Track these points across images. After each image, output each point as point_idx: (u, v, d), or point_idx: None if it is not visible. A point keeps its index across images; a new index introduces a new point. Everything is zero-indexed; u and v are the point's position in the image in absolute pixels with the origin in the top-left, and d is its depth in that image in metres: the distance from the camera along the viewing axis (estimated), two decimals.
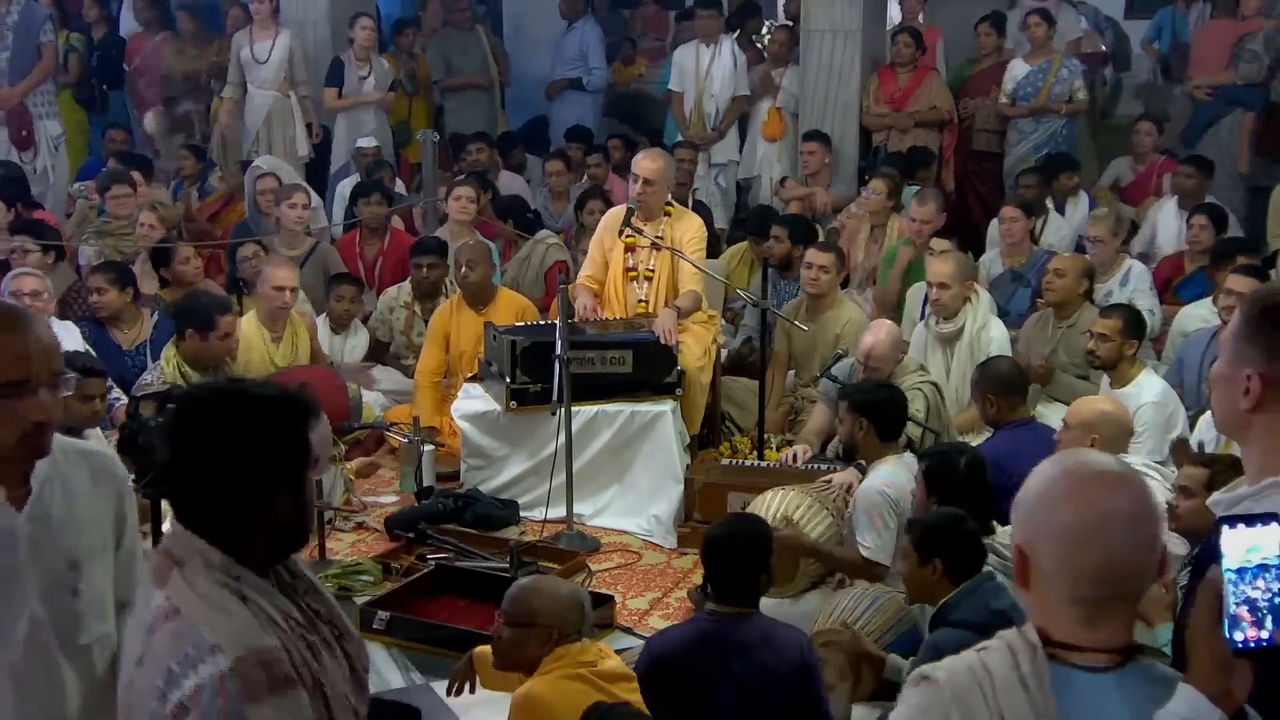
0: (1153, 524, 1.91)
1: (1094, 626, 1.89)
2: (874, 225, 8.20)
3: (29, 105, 9.88)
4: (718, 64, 9.76)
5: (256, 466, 2.13)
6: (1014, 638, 1.91)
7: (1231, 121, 9.49)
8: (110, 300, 6.65)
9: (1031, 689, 1.84)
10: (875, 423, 4.90)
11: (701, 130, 9.82)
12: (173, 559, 2.13)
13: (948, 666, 1.92)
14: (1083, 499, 1.88)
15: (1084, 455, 1.99)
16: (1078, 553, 1.86)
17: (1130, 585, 1.90)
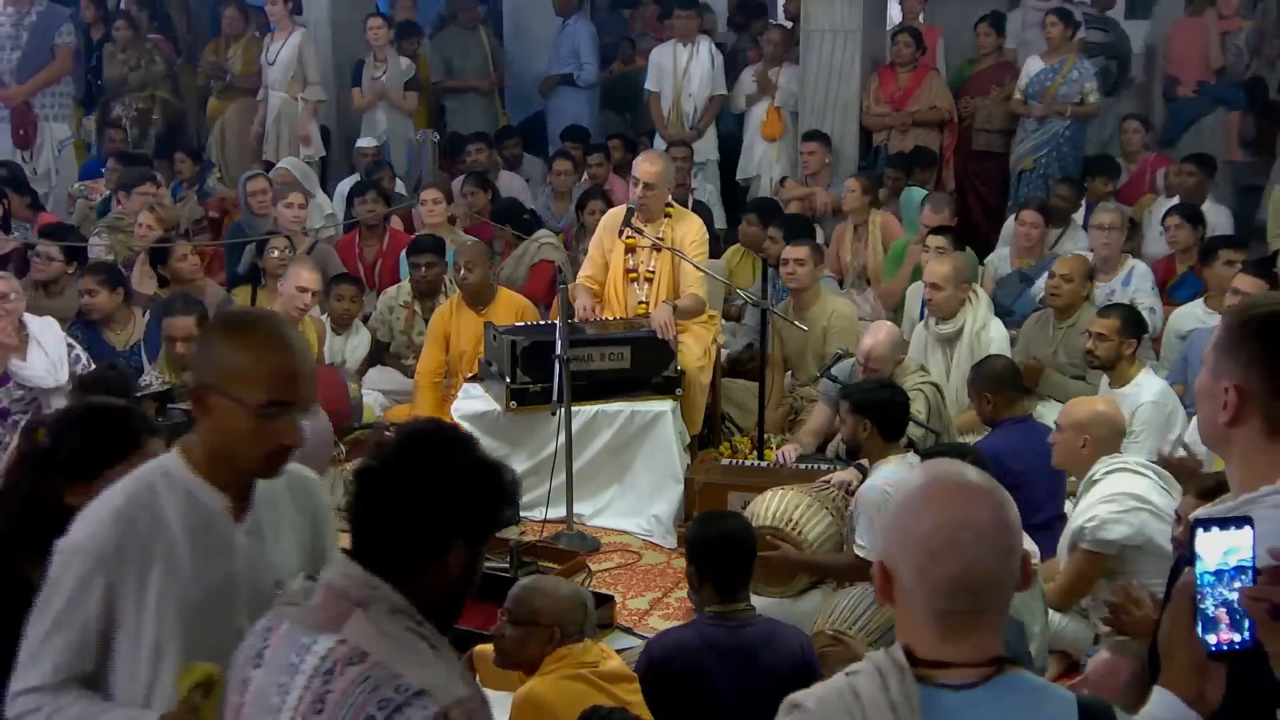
0: (1010, 536, 1.89)
1: (957, 640, 1.87)
2: (855, 224, 8.21)
3: (35, 106, 9.88)
4: (695, 63, 9.77)
5: (459, 518, 2.08)
6: (882, 660, 1.89)
7: (1213, 120, 9.51)
8: (101, 302, 6.63)
9: (901, 712, 1.82)
10: (877, 423, 4.90)
11: (680, 129, 9.82)
12: (350, 600, 2.06)
13: (817, 694, 1.91)
14: (940, 510, 1.87)
15: (944, 467, 1.98)
16: (935, 564, 1.85)
17: (989, 598, 1.88)
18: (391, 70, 10.08)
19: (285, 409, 2.34)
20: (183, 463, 2.42)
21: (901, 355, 5.89)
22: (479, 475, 2.12)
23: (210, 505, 2.41)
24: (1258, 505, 1.97)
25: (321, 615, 2.07)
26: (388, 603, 2.05)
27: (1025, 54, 9.70)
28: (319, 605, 2.09)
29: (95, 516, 2.38)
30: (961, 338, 6.33)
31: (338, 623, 2.04)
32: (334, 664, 2.00)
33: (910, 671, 1.85)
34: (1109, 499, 4.43)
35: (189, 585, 2.37)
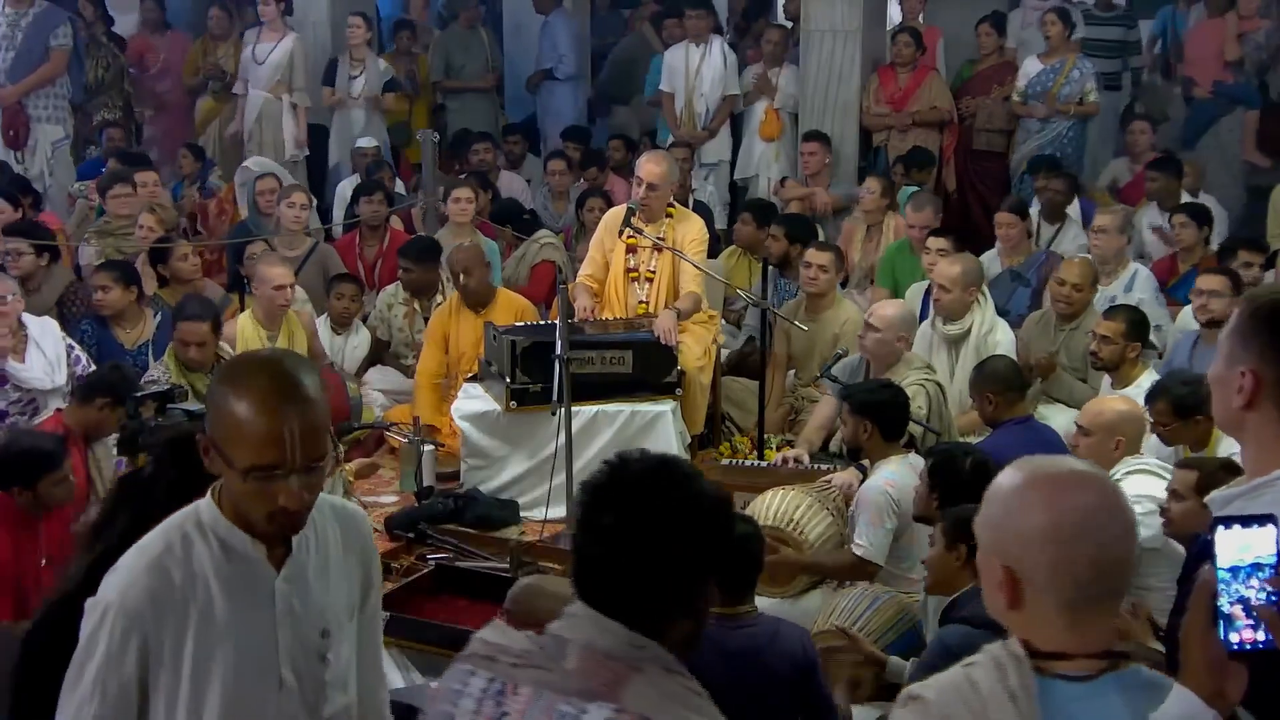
0: (1129, 514, 1.92)
1: (1082, 630, 1.87)
2: (869, 225, 8.21)
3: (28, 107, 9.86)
4: (708, 64, 9.76)
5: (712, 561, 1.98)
6: (999, 651, 1.89)
7: (1231, 120, 9.50)
8: (114, 299, 6.64)
9: (1020, 702, 1.83)
10: (878, 423, 4.90)
11: (692, 130, 9.82)
12: (621, 663, 1.91)
13: (935, 685, 1.90)
14: (1058, 500, 1.87)
15: (1041, 460, 1.97)
16: (1069, 551, 1.84)
17: (1120, 579, 1.90)
18: (370, 71, 10.07)
19: (270, 474, 2.13)
20: (217, 509, 2.25)
21: (906, 335, 5.87)
22: (719, 512, 2.00)
23: (247, 553, 2.25)
24: (1271, 488, 2.03)
25: (587, 681, 1.91)
26: (660, 662, 1.92)
27: (1025, 54, 9.70)
28: (581, 669, 1.92)
29: (128, 569, 2.22)
30: (968, 339, 6.32)
31: (613, 689, 1.89)
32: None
33: (1028, 662, 1.86)
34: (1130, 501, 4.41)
35: (226, 639, 2.23)
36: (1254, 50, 9.67)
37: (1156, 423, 4.94)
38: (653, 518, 1.93)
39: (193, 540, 2.24)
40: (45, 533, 4.47)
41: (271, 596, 2.26)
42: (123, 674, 2.18)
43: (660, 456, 2.07)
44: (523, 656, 1.97)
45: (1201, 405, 4.81)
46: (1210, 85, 9.66)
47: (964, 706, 1.85)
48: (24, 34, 9.69)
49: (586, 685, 1.90)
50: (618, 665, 1.90)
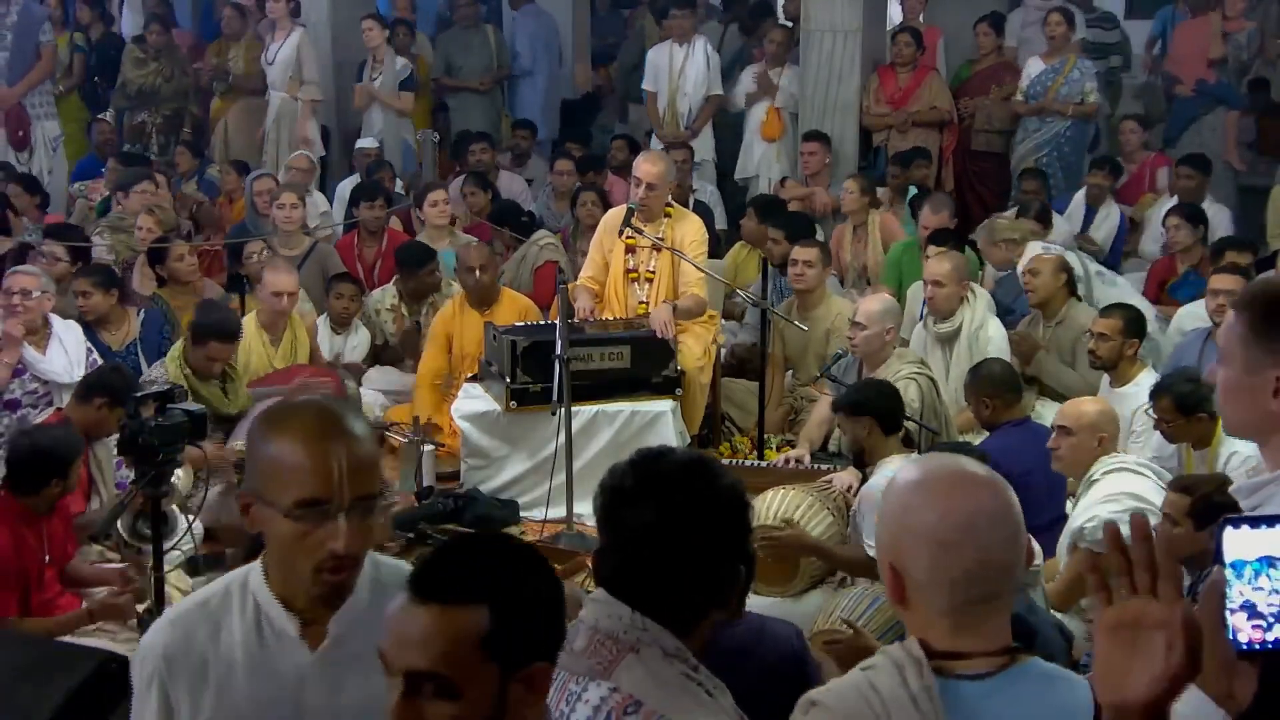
0: (1016, 519, 1.90)
1: (972, 631, 1.87)
2: (855, 225, 8.21)
3: (26, 106, 9.89)
4: (691, 63, 9.75)
5: (742, 552, 2.02)
6: (898, 653, 1.88)
7: (1214, 119, 9.51)
8: (96, 303, 6.65)
9: (921, 705, 1.82)
10: (876, 417, 4.90)
11: (675, 130, 9.82)
12: (620, 644, 1.95)
13: (836, 690, 1.90)
14: (944, 501, 1.87)
15: (939, 460, 1.99)
16: (948, 555, 1.85)
17: (1003, 583, 1.89)
18: (387, 71, 10.08)
19: (319, 509, 1.94)
20: (263, 575, 2.06)
21: (893, 326, 5.88)
22: (745, 503, 2.06)
23: (282, 628, 2.04)
24: None
25: (589, 660, 1.95)
26: (659, 646, 1.96)
27: (1025, 53, 9.71)
28: (585, 649, 1.96)
29: (165, 616, 2.13)
30: (960, 337, 6.33)
31: (609, 669, 1.94)
32: (609, 713, 1.92)
33: (928, 663, 1.85)
34: (1109, 499, 4.44)
35: (242, 716, 2.04)
36: (1236, 50, 9.68)
37: (1160, 420, 4.94)
38: (695, 512, 1.99)
39: (231, 601, 2.08)
40: (47, 531, 4.48)
41: (301, 679, 2.05)
42: (146, 718, 2.09)
43: (689, 453, 2.14)
44: None
45: (1204, 402, 4.81)
46: (1193, 84, 9.68)
47: (867, 710, 1.84)
48: (13, 34, 9.72)
49: (588, 665, 1.95)
50: (616, 646, 1.96)
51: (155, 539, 3.98)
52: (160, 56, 10.58)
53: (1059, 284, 6.51)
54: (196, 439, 4.07)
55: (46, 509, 4.48)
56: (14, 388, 5.98)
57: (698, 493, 2.01)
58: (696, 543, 1.99)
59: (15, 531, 4.34)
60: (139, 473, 3.95)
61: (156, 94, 10.54)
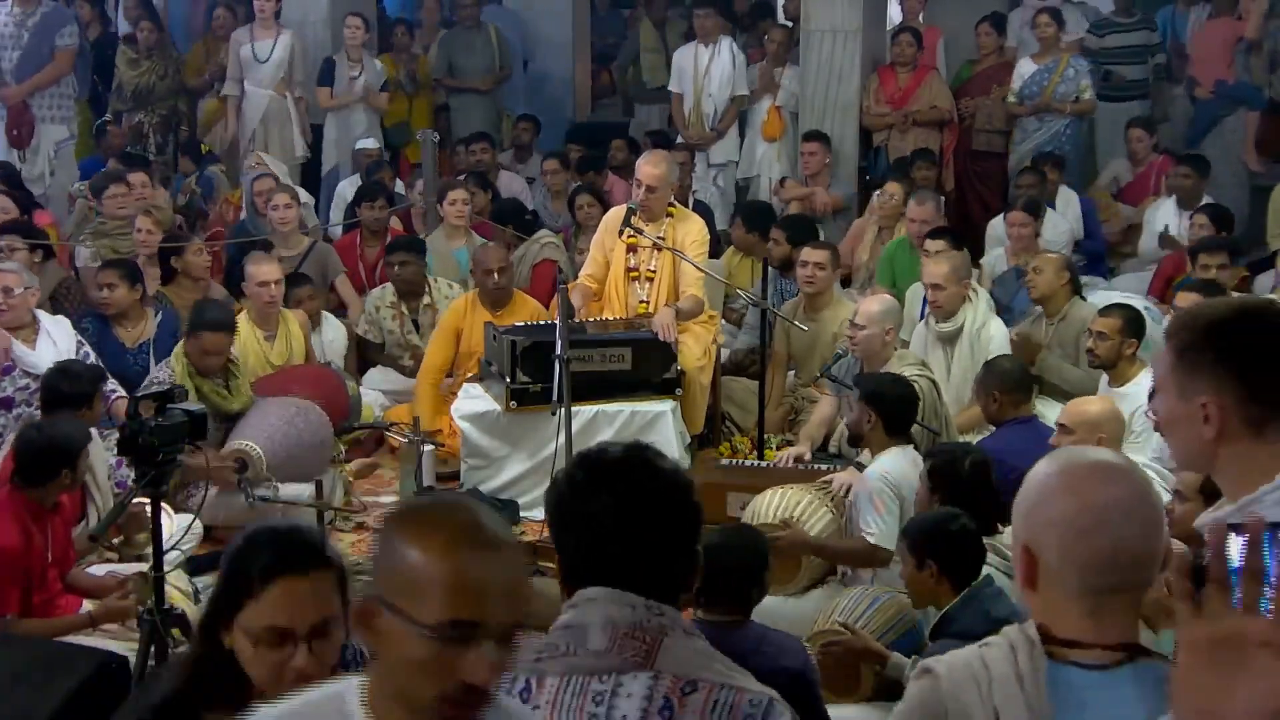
0: (1154, 511, 1.92)
1: (1099, 619, 1.89)
2: (882, 227, 8.20)
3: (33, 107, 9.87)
4: (716, 64, 9.74)
5: (697, 532, 2.12)
6: (1015, 634, 1.92)
7: (1235, 121, 9.50)
8: (120, 297, 6.65)
9: (1027, 685, 1.85)
10: (883, 416, 4.91)
11: (701, 131, 9.81)
12: (649, 633, 1.99)
13: (948, 660, 1.94)
14: (1083, 490, 1.89)
15: (1079, 450, 2.03)
16: (1083, 541, 1.87)
17: (1136, 574, 1.90)
18: (368, 70, 10.06)
19: (471, 632, 1.67)
20: (360, 696, 1.79)
21: (892, 327, 5.87)
22: (684, 482, 2.15)
23: None
24: (1259, 504, 1.96)
25: (618, 657, 1.96)
26: (680, 625, 2.02)
27: (1025, 54, 9.71)
28: (610, 647, 1.98)
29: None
30: (961, 336, 6.33)
31: (648, 658, 1.96)
32: (665, 698, 1.95)
33: (1040, 645, 1.88)
34: None
35: None
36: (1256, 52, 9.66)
37: None
38: (653, 489, 2.05)
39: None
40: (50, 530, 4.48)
41: None
42: None
43: (626, 444, 2.23)
44: (543, 650, 2.00)
45: None
46: (1213, 85, 9.67)
47: (973, 683, 1.88)
48: (30, 34, 9.72)
49: (620, 660, 1.96)
50: (645, 635, 1.98)
51: (155, 539, 3.98)
52: (152, 55, 10.56)
53: (1061, 282, 6.51)
54: (196, 439, 4.07)
55: (52, 503, 4.49)
56: (5, 385, 5.97)
57: (648, 474, 2.09)
58: (655, 522, 2.04)
59: (24, 526, 4.35)
60: (139, 473, 3.94)
61: (151, 93, 10.52)
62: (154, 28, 10.67)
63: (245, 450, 5.67)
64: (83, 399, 5.23)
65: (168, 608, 4.03)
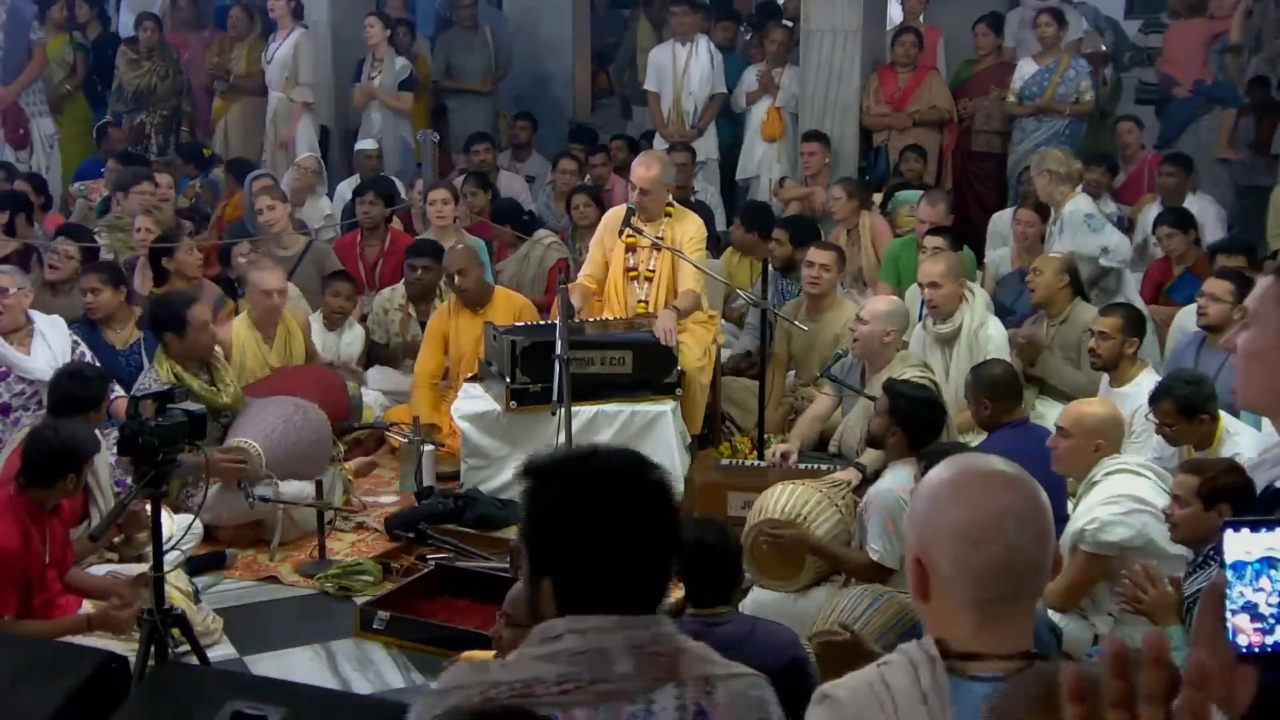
0: (1045, 520, 1.91)
1: (993, 630, 1.88)
2: (847, 229, 8.20)
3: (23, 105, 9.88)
4: (695, 62, 9.76)
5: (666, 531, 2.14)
6: (914, 650, 1.89)
7: (1211, 119, 9.51)
8: (104, 301, 6.63)
9: (931, 702, 1.83)
10: (907, 432, 4.84)
11: (681, 129, 9.81)
12: (668, 649, 2.01)
13: (849, 684, 1.91)
14: (974, 499, 1.88)
15: (971, 458, 2.01)
16: (974, 551, 1.85)
17: (1028, 583, 1.90)
18: (386, 70, 10.08)
19: None
20: None
21: (895, 328, 5.87)
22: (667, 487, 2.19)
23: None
24: None
25: (646, 678, 1.97)
26: (681, 630, 2.06)
27: (1024, 54, 9.71)
28: (639, 668, 1.98)
29: None
30: (960, 337, 6.33)
31: (673, 671, 1.99)
32: (696, 703, 1.98)
33: (941, 662, 1.86)
34: (1110, 501, 4.43)
35: None
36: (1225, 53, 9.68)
37: (1161, 423, 4.94)
38: (653, 507, 2.05)
39: None
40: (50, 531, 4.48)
41: None
42: None
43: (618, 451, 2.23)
44: (565, 681, 1.95)
45: (1205, 404, 4.81)
46: (1190, 85, 9.68)
47: (876, 706, 1.85)
48: (4, 32, 9.72)
49: (647, 681, 1.96)
50: (666, 650, 2.00)
51: (155, 539, 3.98)
52: (153, 56, 10.57)
53: (1061, 284, 6.51)
54: (196, 439, 4.07)
55: (54, 506, 4.49)
56: (0, 391, 5.95)
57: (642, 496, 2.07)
58: (659, 542, 2.06)
59: (24, 527, 4.35)
60: (139, 473, 3.94)
61: (153, 94, 10.54)
62: (154, 27, 10.68)
63: (245, 448, 5.67)
64: (91, 403, 5.21)
65: (168, 608, 4.03)
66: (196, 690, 3.53)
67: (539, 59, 11.73)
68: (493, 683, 1.93)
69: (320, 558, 5.64)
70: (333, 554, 5.68)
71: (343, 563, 5.56)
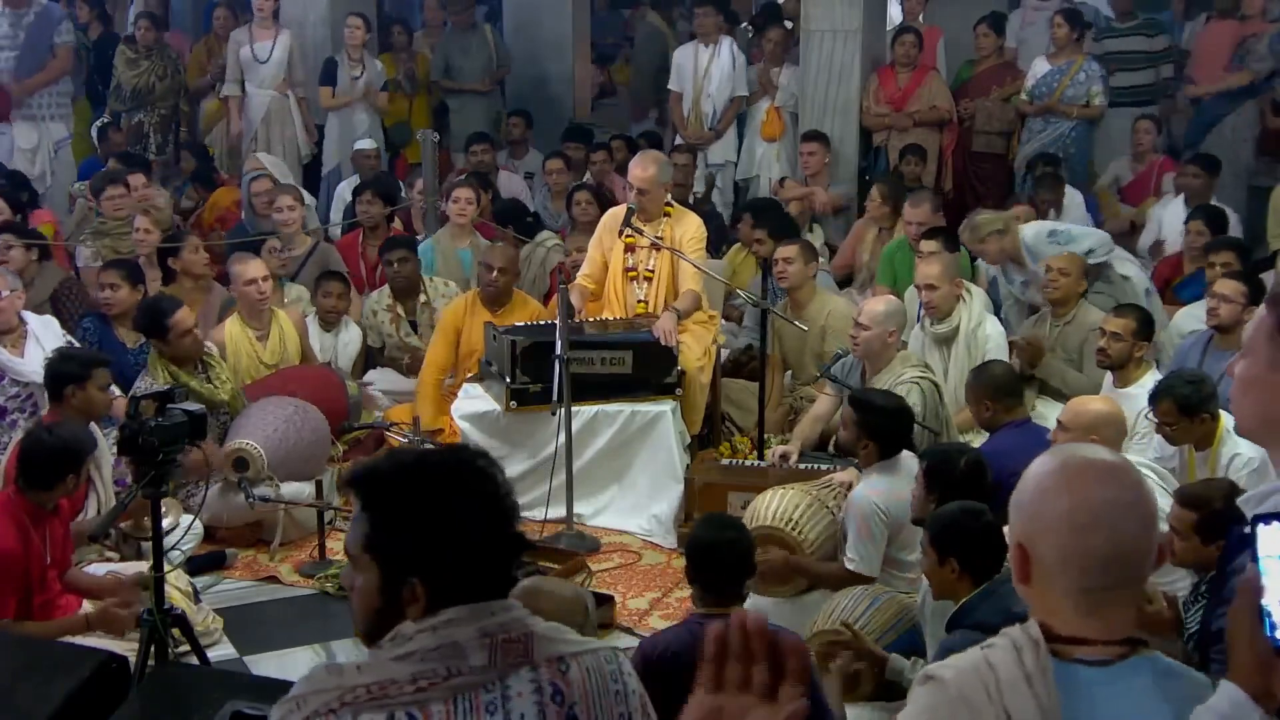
0: (1150, 508, 1.93)
1: (1098, 616, 1.90)
2: (880, 228, 8.21)
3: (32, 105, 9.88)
4: (716, 64, 9.75)
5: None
6: (1018, 634, 1.91)
7: (1235, 120, 9.47)
8: (122, 297, 6.64)
9: (1035, 684, 1.85)
10: (877, 442, 4.87)
11: (700, 130, 9.82)
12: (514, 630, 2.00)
13: (953, 665, 1.94)
14: (1081, 488, 1.90)
15: (1078, 448, 2.01)
16: (1081, 540, 1.88)
17: (1133, 571, 1.91)
18: (369, 71, 10.07)
19: None
20: None
21: (896, 329, 5.87)
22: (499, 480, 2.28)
23: None
24: None
25: (501, 665, 1.94)
26: (525, 610, 2.04)
27: (1025, 55, 9.69)
28: (490, 659, 1.94)
29: None
30: (958, 337, 6.33)
31: (524, 656, 1.96)
32: (551, 683, 1.96)
33: (1045, 645, 1.88)
34: None
35: None
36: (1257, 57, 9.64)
37: (1161, 423, 4.94)
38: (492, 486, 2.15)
39: None
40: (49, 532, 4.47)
41: None
42: None
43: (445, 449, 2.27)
44: (420, 679, 1.91)
45: (1206, 404, 4.81)
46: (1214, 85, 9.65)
47: (981, 687, 1.87)
48: (27, 33, 9.71)
49: (501, 668, 1.94)
50: (516, 634, 1.98)
51: (155, 539, 3.98)
52: (151, 55, 10.56)
53: (1081, 288, 6.51)
54: (196, 439, 4.07)
55: (53, 507, 4.48)
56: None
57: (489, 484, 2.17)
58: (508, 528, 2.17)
59: (23, 528, 4.34)
60: (139, 473, 3.94)
61: (151, 93, 10.52)
62: (151, 27, 10.67)
63: (245, 449, 5.67)
64: (73, 378, 5.09)
65: (168, 608, 4.03)
66: (196, 690, 3.54)
67: (539, 58, 11.71)
68: (349, 686, 1.89)
69: (320, 558, 5.64)
70: (333, 554, 5.68)
71: (343, 563, 5.56)
